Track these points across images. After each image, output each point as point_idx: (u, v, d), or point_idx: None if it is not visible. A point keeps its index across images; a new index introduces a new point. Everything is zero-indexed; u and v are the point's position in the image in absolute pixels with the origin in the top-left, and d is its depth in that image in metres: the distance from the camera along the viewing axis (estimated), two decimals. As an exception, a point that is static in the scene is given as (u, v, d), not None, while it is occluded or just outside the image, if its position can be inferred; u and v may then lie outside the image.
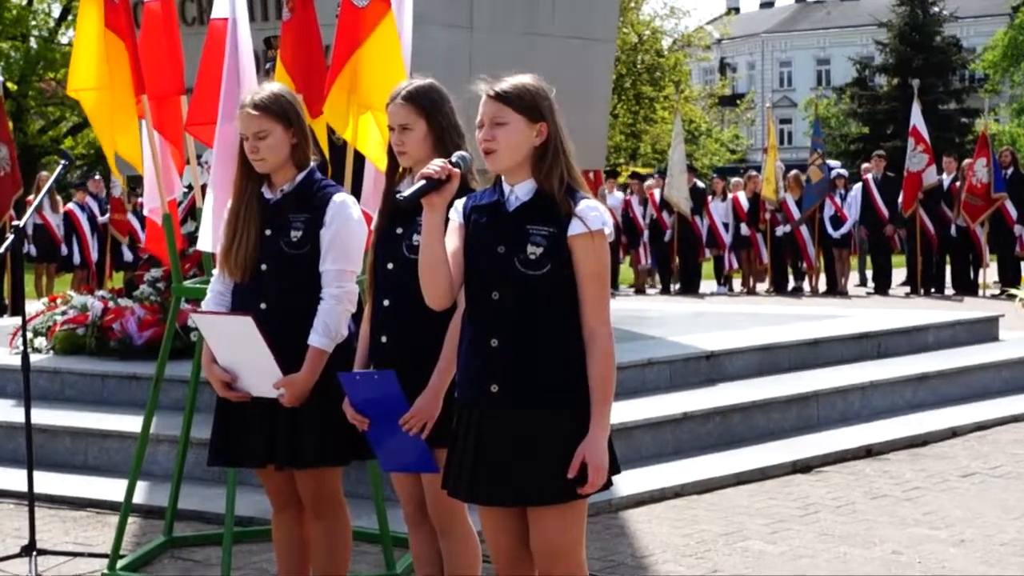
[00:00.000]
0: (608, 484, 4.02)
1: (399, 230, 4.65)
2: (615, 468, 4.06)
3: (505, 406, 4.00)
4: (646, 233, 22.78)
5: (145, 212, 6.85)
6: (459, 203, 4.16)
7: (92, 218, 21.25)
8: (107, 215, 21.05)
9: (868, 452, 9.02)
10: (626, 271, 24.05)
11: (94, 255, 21.03)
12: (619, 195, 23.76)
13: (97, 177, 23.16)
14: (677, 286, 22.31)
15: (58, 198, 21.32)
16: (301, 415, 4.84)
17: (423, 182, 3.98)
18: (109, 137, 6.49)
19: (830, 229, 21.09)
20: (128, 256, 20.53)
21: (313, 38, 6.25)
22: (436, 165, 3.99)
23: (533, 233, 4.00)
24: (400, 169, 4.72)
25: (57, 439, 8.50)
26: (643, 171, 28.95)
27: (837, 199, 21.25)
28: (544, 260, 3.99)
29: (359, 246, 4.91)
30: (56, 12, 42.16)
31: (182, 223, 10.02)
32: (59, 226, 20.70)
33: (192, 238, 8.92)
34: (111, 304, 10.02)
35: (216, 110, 6.01)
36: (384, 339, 4.64)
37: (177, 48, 6.59)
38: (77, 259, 20.94)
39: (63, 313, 10.18)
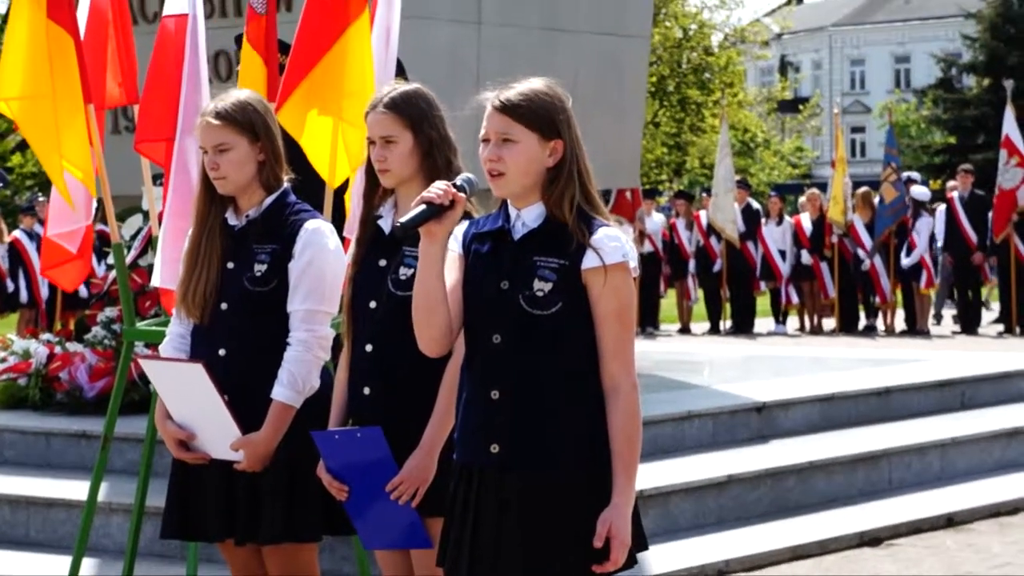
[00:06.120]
0: (632, 563, 4.00)
1: (382, 262, 4.64)
2: (641, 543, 4.04)
3: (507, 470, 3.98)
4: (692, 262, 22.72)
5: (48, 233, 6.83)
6: (459, 230, 4.15)
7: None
8: (58, 245, 21.07)
9: (949, 522, 8.97)
10: (669, 307, 23.99)
11: (44, 292, 21.00)
12: (659, 218, 23.72)
13: (42, 199, 23.16)
14: (728, 324, 22.25)
15: (3, 226, 21.30)
16: (263, 481, 4.83)
17: (422, 207, 3.97)
18: (53, 153, 6.49)
19: (903, 257, 20.97)
20: (84, 293, 20.50)
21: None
22: (438, 188, 3.98)
23: (541, 266, 4.00)
24: (380, 190, 4.71)
25: (-7, 509, 8.51)
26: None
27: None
28: (553, 297, 3.98)
29: (335, 282, 4.90)
30: (2, 7, 42.41)
31: (142, 254, 10.06)
32: (3, 257, 20.70)
33: (152, 271, 8.94)
34: (58, 349, 10.01)
35: (169, 124, 6.03)
36: (367, 391, 4.63)
37: (130, 49, 6.62)
38: (24, 296, 20.90)
39: (2, 360, 10.19)
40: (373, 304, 4.63)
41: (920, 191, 21.66)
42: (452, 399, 4.29)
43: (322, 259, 4.88)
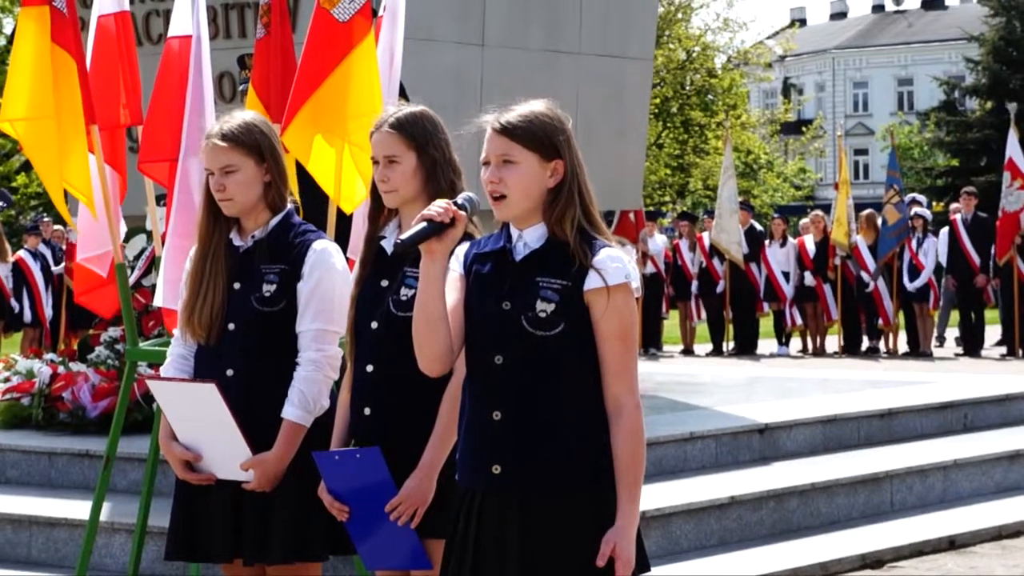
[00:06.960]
0: (634, 584, 4.00)
1: (384, 283, 4.64)
2: (643, 565, 4.04)
3: (508, 491, 3.98)
4: (695, 283, 22.71)
5: (78, 258, 6.87)
6: (460, 250, 4.15)
7: (46, 268, 21.23)
8: (62, 264, 21.04)
9: (951, 544, 8.94)
10: (671, 328, 23.98)
11: (48, 311, 21.00)
12: (662, 239, 23.72)
13: (47, 218, 23.15)
14: (731, 346, 22.25)
15: (7, 245, 21.28)
16: (272, 501, 4.84)
17: (422, 225, 3.97)
18: (55, 174, 6.52)
19: (907, 280, 20.96)
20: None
21: (289, 59, 6.29)
22: (439, 206, 3.99)
23: (543, 287, 4.00)
24: (385, 210, 4.72)
25: (-5, 528, 8.51)
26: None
27: (914, 243, 21.09)
28: (556, 318, 3.98)
29: (343, 302, 4.90)
30: (8, 29, 42.40)
31: (145, 274, 10.07)
32: (7, 277, 20.70)
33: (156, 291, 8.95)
34: (61, 369, 10.02)
35: (172, 144, 6.04)
36: (368, 411, 4.63)
37: (134, 71, 6.64)
38: (28, 316, 20.90)
39: (5, 380, 10.19)
40: (374, 324, 4.63)
41: (921, 212, 21.69)
42: (452, 420, 4.29)
43: (330, 279, 4.90)
